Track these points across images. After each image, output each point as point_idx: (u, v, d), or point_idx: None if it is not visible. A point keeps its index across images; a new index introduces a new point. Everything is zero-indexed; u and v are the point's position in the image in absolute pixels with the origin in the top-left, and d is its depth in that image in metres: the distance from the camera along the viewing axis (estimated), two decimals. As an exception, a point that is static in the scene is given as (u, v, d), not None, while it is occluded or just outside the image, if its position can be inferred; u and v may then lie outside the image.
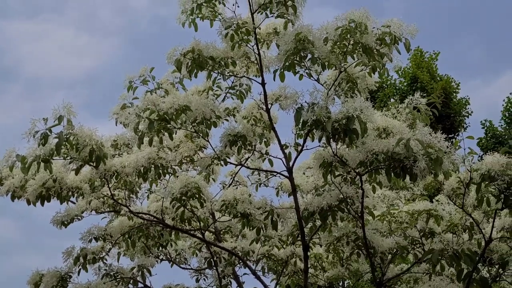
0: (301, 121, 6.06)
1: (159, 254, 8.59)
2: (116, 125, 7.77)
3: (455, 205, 6.89)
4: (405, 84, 23.78)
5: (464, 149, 6.29)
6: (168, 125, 6.45)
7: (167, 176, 7.20)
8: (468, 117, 23.59)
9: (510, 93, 24.21)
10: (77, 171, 6.64)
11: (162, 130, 6.48)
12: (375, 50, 6.27)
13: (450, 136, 22.77)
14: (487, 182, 6.15)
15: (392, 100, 23.28)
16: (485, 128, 23.59)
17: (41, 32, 36.32)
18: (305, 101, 6.16)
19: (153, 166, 6.84)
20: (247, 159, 7.80)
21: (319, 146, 6.61)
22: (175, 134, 6.91)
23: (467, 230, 7.13)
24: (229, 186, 8.22)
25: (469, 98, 23.85)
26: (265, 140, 7.75)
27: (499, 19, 34.88)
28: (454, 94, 23.41)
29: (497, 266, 7.45)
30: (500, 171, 6.04)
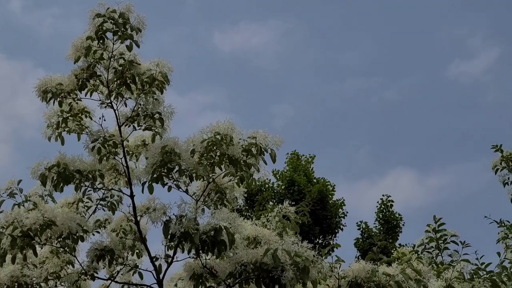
0: (169, 233, 6.07)
1: None
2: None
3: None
4: (282, 187, 24.23)
5: (332, 257, 6.41)
6: (33, 241, 6.27)
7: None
8: (344, 218, 24.19)
9: (383, 195, 25.10)
10: None
11: (26, 247, 6.28)
12: (242, 161, 6.38)
13: (327, 237, 23.22)
14: (355, 289, 6.26)
15: (270, 203, 23.63)
16: (361, 229, 24.26)
17: None
18: (173, 214, 6.20)
19: (16, 284, 6.59)
20: (118, 272, 7.63)
21: (190, 257, 6.57)
22: (41, 249, 6.71)
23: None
24: (100, 301, 7.98)
25: (344, 200, 24.54)
26: (137, 251, 7.63)
27: (384, 121, 36.65)
28: (330, 196, 24.03)
29: None
30: (366, 278, 6.15)
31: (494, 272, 7.47)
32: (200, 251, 6.08)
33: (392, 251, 17.07)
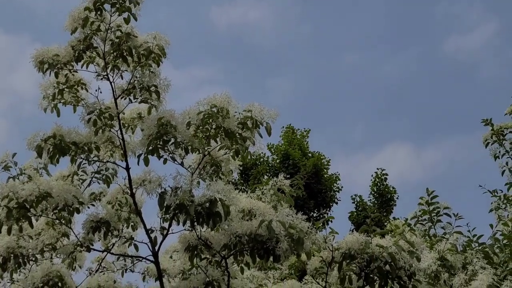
0: (164, 205, 6.11)
1: None
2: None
3: (319, 284, 7.01)
4: (277, 161, 24.27)
5: (326, 229, 6.46)
6: (28, 213, 6.29)
7: (29, 264, 6.97)
8: (339, 192, 24.29)
9: (377, 168, 25.17)
10: None
11: (21, 218, 6.31)
12: (237, 134, 6.38)
13: (322, 211, 23.33)
14: (348, 261, 6.32)
15: (265, 177, 23.68)
16: (356, 202, 24.36)
17: None
18: (169, 186, 6.22)
19: (12, 255, 6.63)
20: (113, 245, 7.68)
21: (185, 229, 6.61)
22: (37, 221, 6.74)
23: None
24: (95, 273, 8.03)
25: (339, 174, 24.62)
26: (132, 224, 7.67)
27: (380, 95, 36.78)
28: (325, 170, 24.09)
29: None
30: (359, 250, 6.21)
31: (487, 244, 7.55)
32: (195, 223, 6.10)
33: (386, 224, 17.18)
